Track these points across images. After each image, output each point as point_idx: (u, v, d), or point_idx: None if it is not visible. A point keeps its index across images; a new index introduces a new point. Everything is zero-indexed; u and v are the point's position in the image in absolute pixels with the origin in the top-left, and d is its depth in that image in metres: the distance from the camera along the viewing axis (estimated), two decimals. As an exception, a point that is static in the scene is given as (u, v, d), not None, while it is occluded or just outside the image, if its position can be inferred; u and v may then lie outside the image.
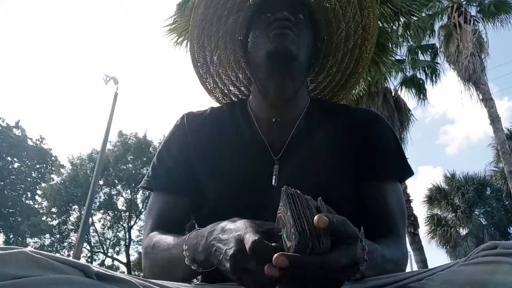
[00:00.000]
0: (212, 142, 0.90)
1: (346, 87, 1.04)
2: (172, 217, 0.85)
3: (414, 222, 8.29)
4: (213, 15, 0.98)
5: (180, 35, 5.38)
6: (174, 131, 0.95)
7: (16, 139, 19.04)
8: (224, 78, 1.06)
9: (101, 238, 18.49)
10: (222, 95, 1.09)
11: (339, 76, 1.02)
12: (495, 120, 9.16)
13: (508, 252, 0.50)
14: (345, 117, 0.92)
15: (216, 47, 1.02)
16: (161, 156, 0.92)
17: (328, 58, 1.00)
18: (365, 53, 0.99)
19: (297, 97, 0.91)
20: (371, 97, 8.68)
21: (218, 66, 1.04)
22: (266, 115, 0.90)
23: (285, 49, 0.83)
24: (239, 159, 0.85)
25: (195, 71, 1.06)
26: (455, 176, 15.63)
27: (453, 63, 9.60)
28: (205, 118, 0.95)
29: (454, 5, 9.81)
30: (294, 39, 0.84)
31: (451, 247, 14.39)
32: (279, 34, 0.83)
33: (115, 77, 9.57)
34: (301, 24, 0.88)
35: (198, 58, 1.04)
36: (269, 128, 0.89)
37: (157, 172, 0.90)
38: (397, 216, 0.83)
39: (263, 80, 0.90)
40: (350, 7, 0.96)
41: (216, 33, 1.00)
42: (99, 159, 8.47)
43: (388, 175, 0.86)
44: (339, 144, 0.87)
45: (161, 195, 0.88)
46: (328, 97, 1.07)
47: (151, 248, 0.78)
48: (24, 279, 0.41)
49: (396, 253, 0.76)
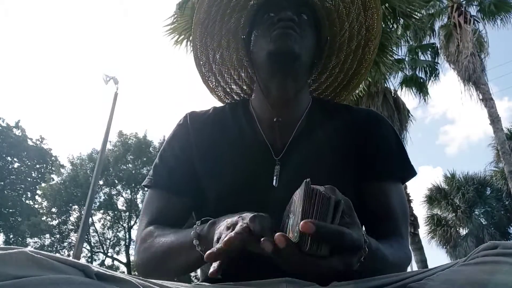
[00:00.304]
0: (214, 142, 0.90)
1: (348, 88, 1.04)
2: (170, 217, 0.84)
3: (414, 222, 8.30)
4: (216, 14, 0.98)
5: (180, 34, 5.38)
6: (177, 130, 0.94)
7: (16, 139, 19.03)
8: (226, 76, 1.06)
9: (101, 238, 18.50)
10: (224, 93, 1.09)
11: (342, 77, 1.02)
12: (495, 120, 9.16)
13: (508, 252, 0.49)
14: (347, 117, 0.91)
15: (219, 45, 1.02)
16: (163, 155, 0.92)
17: (331, 58, 1.00)
18: (368, 54, 0.98)
19: (299, 97, 0.91)
20: (370, 97, 8.69)
21: (221, 65, 1.04)
22: (268, 115, 0.90)
23: (288, 49, 0.82)
24: (240, 159, 0.85)
25: (197, 70, 1.05)
26: (455, 176, 15.62)
27: (453, 63, 9.61)
28: (208, 117, 0.95)
29: (454, 4, 9.81)
30: (297, 39, 0.84)
31: (451, 247, 14.39)
32: (281, 34, 0.83)
33: (115, 77, 9.57)
34: (304, 25, 0.88)
35: (201, 57, 1.03)
36: (271, 128, 0.89)
37: (158, 171, 0.90)
38: (399, 216, 0.83)
39: (265, 79, 0.89)
40: (354, 8, 0.95)
41: (219, 32, 1.00)
42: (99, 159, 8.47)
43: (389, 175, 0.86)
44: (340, 145, 0.86)
45: (161, 193, 0.87)
46: (330, 97, 1.06)
47: (149, 239, 0.78)
48: (24, 279, 0.41)
49: (398, 253, 0.76)
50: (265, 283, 0.69)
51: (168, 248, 0.73)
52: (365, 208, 0.85)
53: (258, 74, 0.92)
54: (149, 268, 0.78)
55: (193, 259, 0.69)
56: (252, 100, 0.97)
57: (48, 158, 20.20)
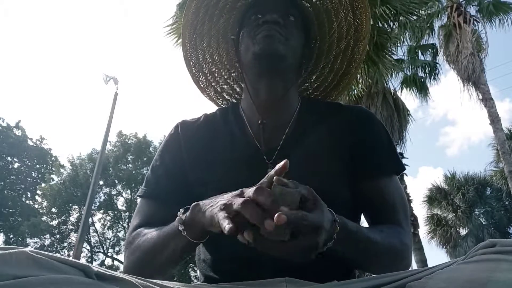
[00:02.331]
0: (205, 149, 0.90)
1: (338, 88, 1.04)
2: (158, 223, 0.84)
3: (414, 222, 8.29)
4: (204, 15, 0.99)
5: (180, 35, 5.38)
6: (168, 140, 0.95)
7: (16, 139, 19.02)
8: (217, 76, 1.06)
9: (101, 238, 18.49)
10: (215, 93, 1.09)
11: (332, 77, 1.02)
12: (495, 120, 9.17)
13: (506, 250, 0.50)
14: (337, 116, 0.91)
15: (209, 46, 1.02)
16: (154, 165, 0.93)
17: (321, 59, 1.00)
18: (357, 54, 0.98)
19: (288, 98, 0.91)
20: (370, 97, 8.69)
21: (211, 65, 1.05)
22: (258, 117, 0.90)
23: (272, 50, 0.83)
24: (232, 164, 0.85)
25: (188, 70, 1.06)
26: (455, 176, 15.62)
27: (452, 63, 9.61)
28: (198, 125, 0.95)
29: (454, 4, 9.81)
30: (281, 40, 0.84)
31: (451, 247, 14.38)
32: (265, 36, 0.84)
33: (115, 77, 9.55)
34: (290, 26, 0.88)
35: (191, 57, 1.04)
36: (262, 131, 0.89)
37: (149, 182, 0.91)
38: (396, 206, 0.84)
39: (253, 81, 0.90)
40: (342, 8, 0.95)
41: (208, 33, 1.01)
42: (99, 159, 8.46)
43: (385, 170, 0.87)
44: (332, 145, 0.86)
45: (151, 202, 0.89)
46: (320, 97, 1.06)
47: (136, 240, 0.80)
48: (24, 279, 0.41)
49: (390, 239, 0.76)
50: (265, 283, 0.70)
51: (154, 242, 0.75)
52: (363, 205, 0.85)
53: (246, 75, 0.92)
54: (140, 266, 0.79)
55: (180, 247, 0.72)
56: (242, 102, 0.97)
57: (48, 158, 20.19)
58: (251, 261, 0.71)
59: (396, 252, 0.76)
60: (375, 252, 0.72)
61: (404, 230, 0.82)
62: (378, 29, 4.97)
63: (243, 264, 0.75)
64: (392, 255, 0.75)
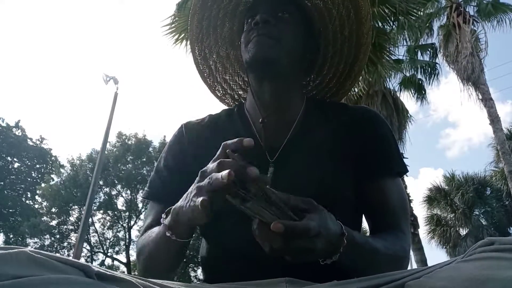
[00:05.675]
0: (210, 148, 0.89)
1: (351, 76, 1.02)
2: None
3: (414, 222, 8.30)
4: (208, 27, 1.00)
5: (179, 34, 5.38)
6: (172, 141, 0.96)
7: (16, 139, 19.02)
8: (232, 84, 1.08)
9: (101, 238, 18.46)
10: (232, 100, 1.11)
11: (343, 66, 1.00)
12: (494, 120, 9.17)
13: (505, 247, 0.50)
14: (343, 116, 0.91)
15: (218, 56, 1.04)
16: (158, 167, 0.94)
17: (328, 48, 0.99)
18: (362, 38, 0.97)
19: (292, 97, 0.91)
20: (369, 97, 8.69)
21: (224, 74, 1.06)
22: (261, 117, 0.90)
23: (262, 58, 0.83)
24: None
25: (203, 82, 1.08)
26: (455, 176, 15.62)
27: (452, 63, 9.62)
28: (203, 126, 0.96)
29: (453, 4, 9.81)
30: (272, 44, 0.83)
31: (451, 247, 14.38)
32: (255, 42, 0.84)
33: (115, 77, 9.56)
34: (284, 24, 0.87)
35: (204, 70, 1.06)
36: (264, 130, 0.89)
37: (153, 183, 0.93)
38: (399, 211, 0.84)
39: (255, 85, 0.91)
40: None
41: (216, 44, 1.02)
42: (99, 159, 8.46)
43: (388, 171, 0.87)
44: (337, 145, 0.86)
45: (156, 205, 0.90)
46: (335, 89, 1.05)
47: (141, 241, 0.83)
48: (24, 279, 0.41)
49: (393, 247, 0.76)
50: (265, 283, 0.70)
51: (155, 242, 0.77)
52: (365, 206, 0.85)
53: (249, 79, 0.93)
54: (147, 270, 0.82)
55: (172, 250, 0.75)
56: (246, 102, 0.98)
57: (48, 158, 20.18)
58: (252, 261, 0.71)
59: (398, 259, 0.77)
60: (380, 262, 0.72)
61: (405, 235, 0.82)
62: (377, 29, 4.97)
63: (243, 264, 0.75)
64: (394, 263, 0.76)
